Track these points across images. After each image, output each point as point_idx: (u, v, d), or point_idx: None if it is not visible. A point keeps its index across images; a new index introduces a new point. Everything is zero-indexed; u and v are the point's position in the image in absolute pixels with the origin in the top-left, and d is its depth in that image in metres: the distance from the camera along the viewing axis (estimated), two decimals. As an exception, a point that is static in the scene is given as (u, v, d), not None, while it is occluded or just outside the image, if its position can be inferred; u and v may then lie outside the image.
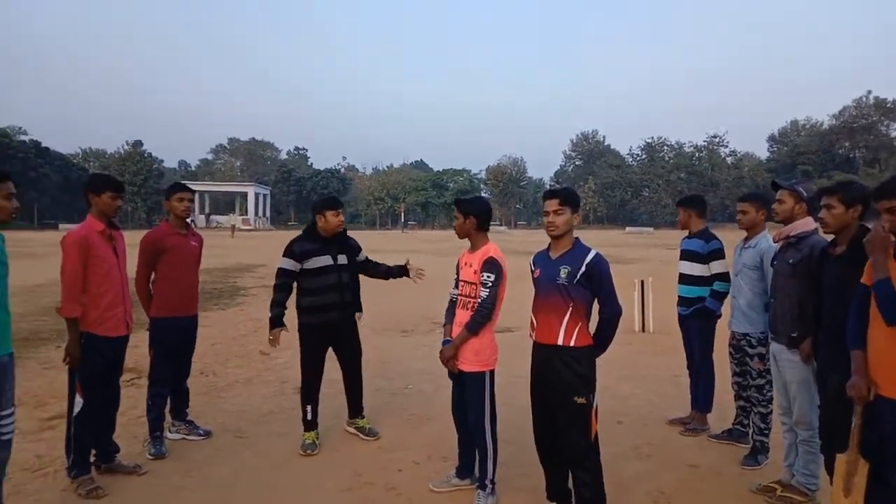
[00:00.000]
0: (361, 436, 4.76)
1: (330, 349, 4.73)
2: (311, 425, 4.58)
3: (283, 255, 4.54)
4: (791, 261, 3.69)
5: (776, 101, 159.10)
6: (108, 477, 3.96)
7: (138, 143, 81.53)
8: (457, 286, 3.85)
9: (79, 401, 3.76)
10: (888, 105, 74.50)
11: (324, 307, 4.51)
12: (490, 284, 3.57)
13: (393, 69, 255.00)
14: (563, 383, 3.20)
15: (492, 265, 3.60)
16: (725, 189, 76.99)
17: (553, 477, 3.44)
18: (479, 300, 3.59)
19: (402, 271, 4.95)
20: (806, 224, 3.72)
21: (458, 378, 3.75)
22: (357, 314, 4.84)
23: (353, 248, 4.78)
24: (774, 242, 4.00)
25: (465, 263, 3.80)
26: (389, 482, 4.00)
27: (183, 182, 5.31)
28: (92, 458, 3.94)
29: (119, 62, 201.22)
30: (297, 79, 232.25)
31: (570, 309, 3.21)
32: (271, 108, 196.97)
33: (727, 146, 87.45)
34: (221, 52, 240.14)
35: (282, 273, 4.52)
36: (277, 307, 4.52)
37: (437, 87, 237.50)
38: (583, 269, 3.20)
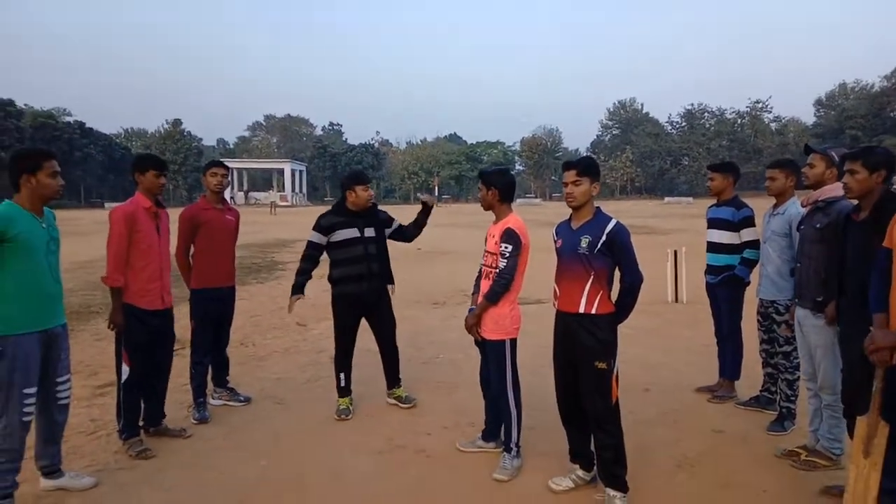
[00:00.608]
0: (400, 404, 4.90)
1: (365, 321, 4.87)
2: (344, 392, 4.77)
3: (312, 229, 4.73)
4: (818, 225, 3.67)
5: (824, 63, 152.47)
6: (155, 439, 4.23)
7: (178, 122, 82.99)
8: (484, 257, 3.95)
9: (125, 369, 4.01)
10: (945, 64, 70.79)
11: (351, 278, 4.65)
12: (508, 255, 3.65)
13: (426, 40, 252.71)
14: (584, 349, 3.28)
15: (510, 236, 3.67)
16: (769, 156, 74.39)
17: (575, 439, 3.55)
18: (498, 270, 3.68)
19: (424, 215, 4.98)
20: (835, 189, 3.66)
21: (482, 346, 3.87)
22: (389, 286, 4.95)
23: (382, 221, 4.87)
24: (803, 207, 3.97)
25: (490, 234, 3.88)
26: (419, 445, 4.17)
27: (218, 159, 5.51)
28: (140, 423, 4.20)
29: (158, 40, 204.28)
30: (334, 53, 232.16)
31: (592, 277, 3.27)
32: (307, 84, 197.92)
33: (771, 111, 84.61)
34: (258, 30, 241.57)
35: (308, 245, 4.74)
36: (300, 276, 4.76)
37: (470, 57, 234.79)
38: (603, 238, 3.25)
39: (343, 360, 4.78)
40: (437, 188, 78.10)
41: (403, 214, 5.65)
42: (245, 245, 17.34)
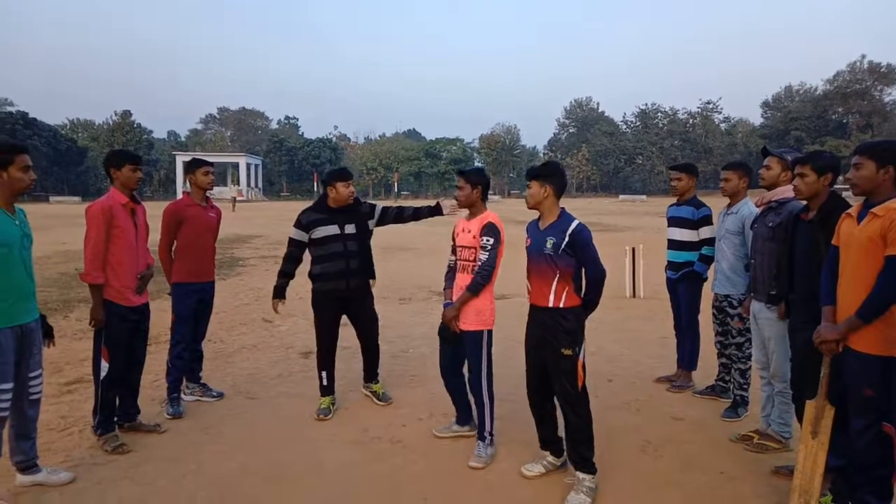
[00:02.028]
0: (375, 400, 4.97)
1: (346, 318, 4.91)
2: (326, 390, 4.78)
3: (293, 226, 4.73)
4: (770, 224, 3.93)
5: (771, 67, 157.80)
6: (130, 435, 4.22)
7: (127, 114, 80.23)
8: (454, 252, 4.10)
9: (104, 365, 4.00)
10: (882, 69, 73.99)
11: (329, 275, 4.66)
12: (489, 247, 3.83)
13: (385, 36, 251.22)
14: (552, 338, 3.48)
15: (490, 229, 3.87)
16: (719, 156, 76.72)
17: (545, 427, 3.74)
18: (479, 263, 3.85)
19: (433, 211, 4.89)
20: (787, 190, 3.92)
21: (458, 337, 4.00)
22: (371, 281, 4.99)
23: (364, 215, 4.82)
24: (757, 207, 4.24)
25: (463, 230, 4.04)
26: (395, 436, 4.29)
27: (202, 157, 5.48)
28: (114, 419, 4.19)
29: (107, 28, 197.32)
30: (291, 46, 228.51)
31: (557, 275, 3.47)
32: (262, 77, 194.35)
33: (721, 112, 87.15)
34: (211, 19, 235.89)
35: (290, 242, 4.75)
36: (280, 277, 4.77)
37: (430, 55, 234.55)
38: (566, 239, 3.44)
39: (325, 358, 4.77)
40: (396, 184, 77.86)
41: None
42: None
